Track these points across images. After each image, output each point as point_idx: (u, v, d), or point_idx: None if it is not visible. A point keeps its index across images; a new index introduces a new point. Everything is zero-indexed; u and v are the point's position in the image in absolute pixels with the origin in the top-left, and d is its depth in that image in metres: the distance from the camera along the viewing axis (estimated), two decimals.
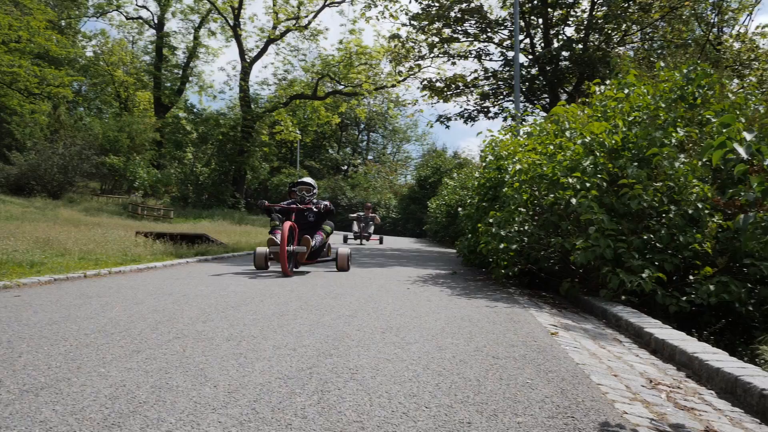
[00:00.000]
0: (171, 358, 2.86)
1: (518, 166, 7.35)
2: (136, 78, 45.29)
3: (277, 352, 3.07)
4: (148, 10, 42.48)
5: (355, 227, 19.69)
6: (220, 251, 10.78)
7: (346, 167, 59.64)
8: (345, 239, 18.88)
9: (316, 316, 4.26)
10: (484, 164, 10.12)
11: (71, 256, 7.62)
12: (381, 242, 20.15)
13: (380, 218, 37.60)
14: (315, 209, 8.38)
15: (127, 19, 42.89)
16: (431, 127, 46.74)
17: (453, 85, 24.93)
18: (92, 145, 30.81)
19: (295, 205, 8.32)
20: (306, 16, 35.67)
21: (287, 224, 7.34)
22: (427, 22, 23.35)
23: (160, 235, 11.15)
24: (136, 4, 52.67)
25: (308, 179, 8.85)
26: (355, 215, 20.10)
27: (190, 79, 43.42)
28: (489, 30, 23.51)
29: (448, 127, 25.81)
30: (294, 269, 8.06)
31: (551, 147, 7.19)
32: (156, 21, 41.70)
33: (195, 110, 48.58)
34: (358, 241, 19.53)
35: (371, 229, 19.72)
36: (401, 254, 14.24)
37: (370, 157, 64.19)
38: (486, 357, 3.12)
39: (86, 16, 42.31)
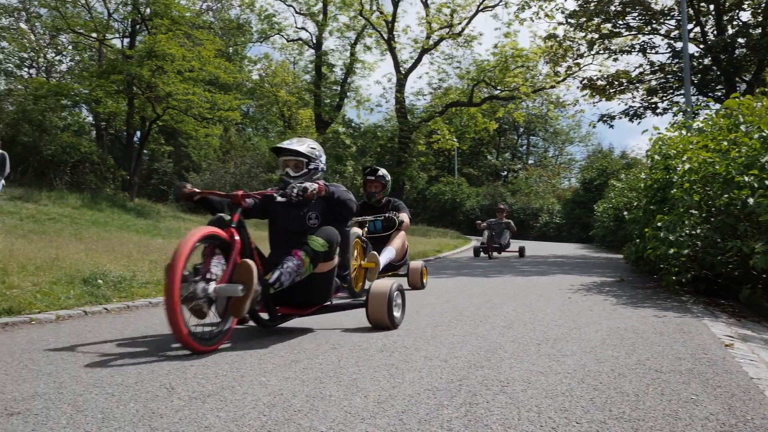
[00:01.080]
0: (326, 368, 2.95)
1: (687, 165, 6.86)
2: (298, 97, 47.53)
3: (428, 363, 3.07)
4: (307, 31, 44.41)
5: (485, 237, 14.91)
6: None
7: (505, 173, 58.83)
8: (476, 252, 15.30)
9: (470, 327, 4.22)
10: (650, 164, 9.57)
11: None
12: (522, 255, 15.27)
13: (538, 223, 36.66)
14: (295, 196, 3.84)
15: (288, 41, 45.15)
16: (594, 127, 44.98)
17: (615, 82, 23.92)
18: (260, 162, 32.81)
19: (240, 192, 3.89)
20: (459, 24, 35.64)
21: (195, 234, 3.35)
22: (585, 19, 22.59)
23: None
24: (296, 27, 55.41)
25: (298, 143, 4.33)
26: (485, 222, 15.61)
27: (348, 94, 44.77)
28: (654, 21, 22.33)
29: (611, 126, 24.74)
30: (268, 323, 3.96)
31: (725, 143, 6.64)
32: (314, 41, 43.53)
33: (353, 124, 50.09)
34: (487, 255, 15.02)
35: (506, 239, 15.22)
36: (564, 261, 13.83)
37: (530, 162, 62.93)
38: (648, 371, 2.93)
39: (251, 42, 45.17)
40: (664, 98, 23.55)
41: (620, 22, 22.52)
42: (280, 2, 41.02)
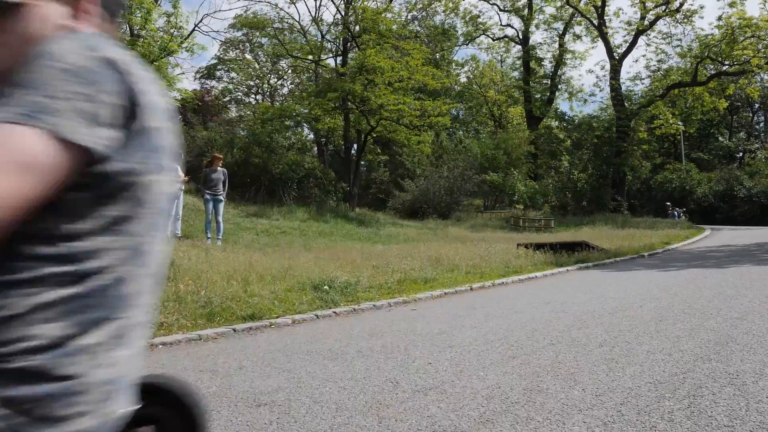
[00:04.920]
0: (544, 363, 2.97)
1: None
2: (507, 95, 47.21)
3: (650, 357, 2.97)
4: (512, 27, 44.09)
5: None
6: (602, 257, 10.62)
7: (741, 154, 53.61)
8: None
9: (699, 320, 3.97)
10: None
11: (459, 271, 8.27)
12: None
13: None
14: None
15: (494, 40, 45.09)
16: None
17: None
18: (472, 165, 33.04)
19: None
20: None
21: None
22: None
23: (539, 245, 11.39)
24: (501, 25, 55.22)
25: None
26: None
27: (559, 87, 43.70)
28: None
29: None
30: None
31: None
32: (521, 37, 43.06)
33: (566, 117, 48.66)
34: None
35: None
36: None
37: None
38: None
39: (457, 45, 45.72)
40: None
41: None
42: (484, 2, 41.03)
